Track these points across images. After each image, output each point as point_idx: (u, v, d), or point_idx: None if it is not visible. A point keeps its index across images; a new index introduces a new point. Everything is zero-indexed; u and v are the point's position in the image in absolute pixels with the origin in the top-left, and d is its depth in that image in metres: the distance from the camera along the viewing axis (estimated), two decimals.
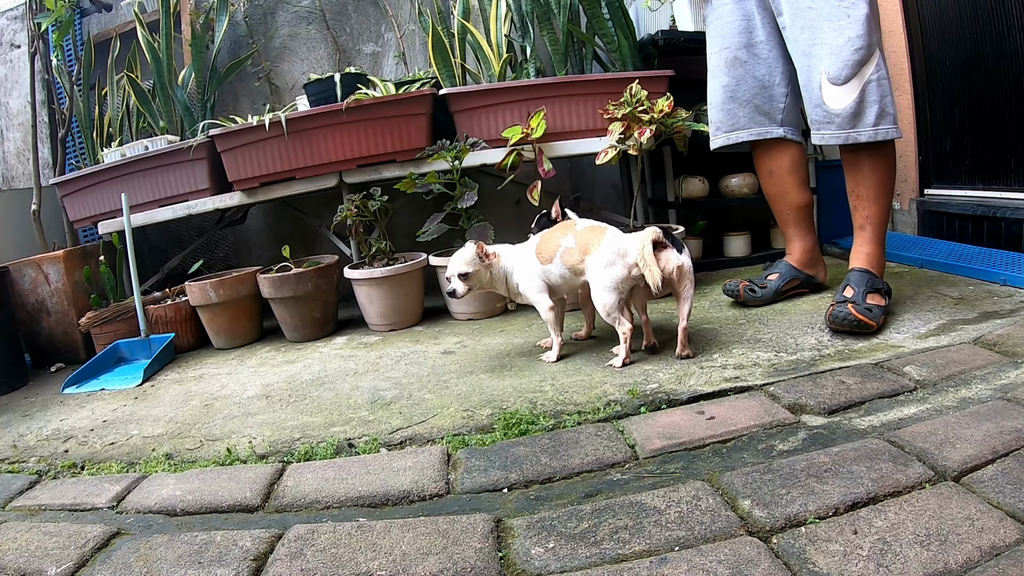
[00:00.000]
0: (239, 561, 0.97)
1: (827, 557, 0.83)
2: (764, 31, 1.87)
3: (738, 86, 1.93)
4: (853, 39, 1.64)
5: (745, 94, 1.93)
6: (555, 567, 0.89)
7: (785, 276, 2.04)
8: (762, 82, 1.92)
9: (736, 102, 1.95)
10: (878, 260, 1.81)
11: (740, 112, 1.95)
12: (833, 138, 1.74)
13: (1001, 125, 2.35)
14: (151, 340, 2.33)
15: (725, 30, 1.92)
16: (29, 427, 1.76)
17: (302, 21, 2.95)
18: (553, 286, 1.74)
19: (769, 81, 1.91)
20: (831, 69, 1.68)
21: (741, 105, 1.95)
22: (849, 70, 1.65)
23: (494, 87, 2.40)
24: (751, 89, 1.93)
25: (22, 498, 1.31)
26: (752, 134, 1.96)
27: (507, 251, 1.81)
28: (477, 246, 1.73)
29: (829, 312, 1.68)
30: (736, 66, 1.92)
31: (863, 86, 1.66)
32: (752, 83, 1.92)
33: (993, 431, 1.07)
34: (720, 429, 1.23)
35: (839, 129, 1.72)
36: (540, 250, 1.73)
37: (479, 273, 1.75)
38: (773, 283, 2.03)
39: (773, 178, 2.05)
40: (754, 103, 1.93)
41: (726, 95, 1.96)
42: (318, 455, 1.34)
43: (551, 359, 1.74)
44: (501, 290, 1.82)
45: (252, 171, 2.41)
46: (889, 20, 2.85)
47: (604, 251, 1.61)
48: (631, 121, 2.14)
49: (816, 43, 1.70)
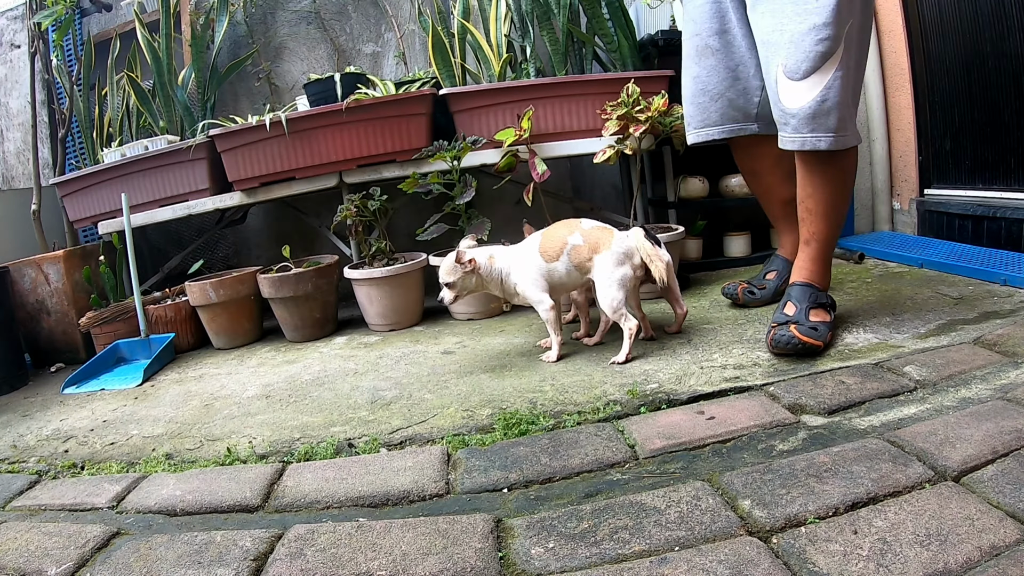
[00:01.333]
0: (239, 561, 0.97)
1: (827, 557, 0.83)
2: (736, 15, 1.67)
3: (709, 77, 1.75)
4: (818, 27, 1.40)
5: (717, 87, 1.75)
6: (555, 567, 0.89)
7: (783, 273, 1.95)
8: (735, 73, 1.72)
9: (707, 95, 1.76)
10: (822, 275, 1.66)
11: (712, 107, 1.77)
12: (789, 142, 1.52)
13: (1001, 125, 2.35)
14: (151, 340, 2.33)
15: (696, 14, 1.73)
16: (29, 427, 1.76)
17: (302, 21, 2.95)
18: (555, 285, 1.74)
19: (743, 72, 1.72)
20: (789, 61, 1.46)
21: (713, 99, 1.76)
22: (810, 63, 1.43)
23: (494, 87, 2.40)
24: (724, 81, 1.74)
25: (22, 498, 1.31)
26: (725, 131, 1.79)
27: (502, 252, 1.79)
28: (457, 254, 1.71)
29: (771, 336, 1.52)
30: (707, 55, 1.73)
31: (826, 83, 1.43)
32: (724, 74, 1.73)
33: (993, 431, 1.07)
34: (720, 429, 1.23)
35: (795, 132, 1.50)
36: (544, 248, 1.72)
37: (463, 280, 1.73)
38: (772, 282, 1.98)
39: (756, 178, 1.95)
40: (727, 96, 1.75)
41: (697, 87, 1.78)
42: (318, 455, 1.34)
43: (551, 359, 1.74)
44: (495, 292, 1.80)
45: (252, 171, 2.41)
46: (889, 20, 2.85)
47: (615, 250, 1.67)
48: (628, 121, 2.14)
49: (776, 29, 1.48)
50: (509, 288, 1.77)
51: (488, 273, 1.75)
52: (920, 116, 2.81)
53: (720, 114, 1.77)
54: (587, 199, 3.01)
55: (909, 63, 2.78)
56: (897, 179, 3.01)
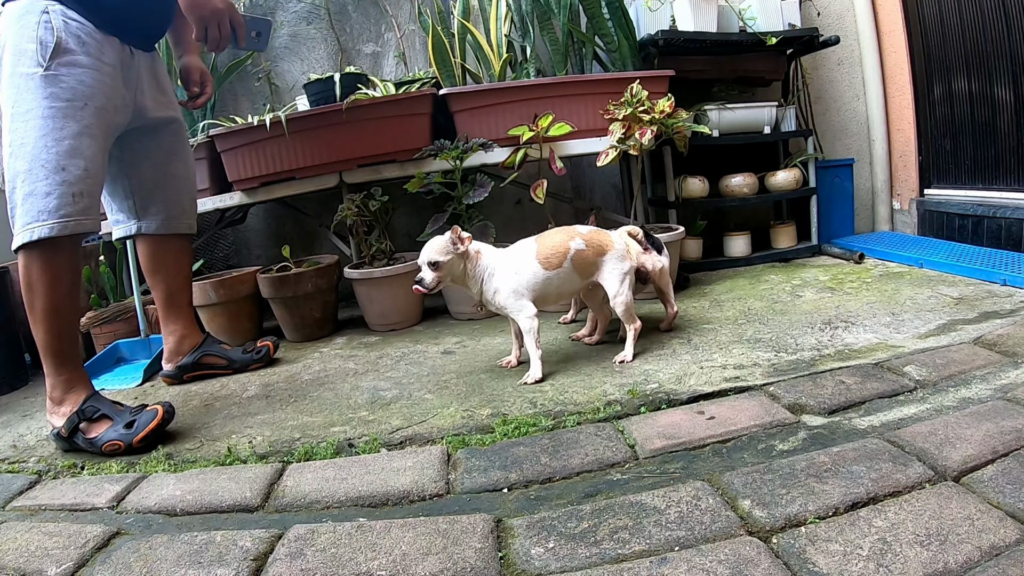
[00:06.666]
0: (239, 561, 0.97)
1: (827, 557, 0.83)
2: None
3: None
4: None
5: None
6: (555, 567, 0.89)
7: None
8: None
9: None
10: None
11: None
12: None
13: (1001, 125, 2.35)
14: (151, 340, 2.33)
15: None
16: (29, 427, 1.76)
17: (302, 21, 2.95)
18: (549, 293, 1.67)
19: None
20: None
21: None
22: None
23: (494, 87, 2.40)
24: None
25: (22, 498, 1.31)
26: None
27: (490, 251, 1.68)
28: (453, 230, 1.59)
29: None
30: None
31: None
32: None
33: (993, 431, 1.07)
34: (720, 429, 1.23)
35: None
36: (545, 256, 1.64)
37: (452, 263, 1.61)
38: None
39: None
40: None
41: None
42: (318, 455, 1.34)
43: (535, 378, 1.58)
44: (473, 290, 1.67)
45: (252, 171, 2.41)
46: (889, 20, 2.86)
47: (618, 251, 1.69)
48: (632, 121, 2.14)
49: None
50: (488, 291, 1.65)
51: (473, 267, 1.64)
52: (920, 116, 2.82)
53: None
54: (587, 199, 3.01)
55: (909, 63, 2.79)
56: (897, 179, 3.01)
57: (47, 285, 1.48)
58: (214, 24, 1.61)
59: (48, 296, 1.48)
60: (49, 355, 1.53)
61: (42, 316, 1.49)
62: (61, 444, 1.52)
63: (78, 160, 1.46)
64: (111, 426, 1.48)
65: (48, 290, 1.48)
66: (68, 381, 1.55)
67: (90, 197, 1.49)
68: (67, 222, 1.44)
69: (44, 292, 1.48)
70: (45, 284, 1.48)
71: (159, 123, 1.79)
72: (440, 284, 1.63)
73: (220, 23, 1.62)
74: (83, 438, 1.47)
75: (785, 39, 2.64)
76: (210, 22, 1.61)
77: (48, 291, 1.48)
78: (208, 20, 1.60)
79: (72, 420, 1.48)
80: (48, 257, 1.47)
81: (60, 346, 1.53)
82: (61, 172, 1.44)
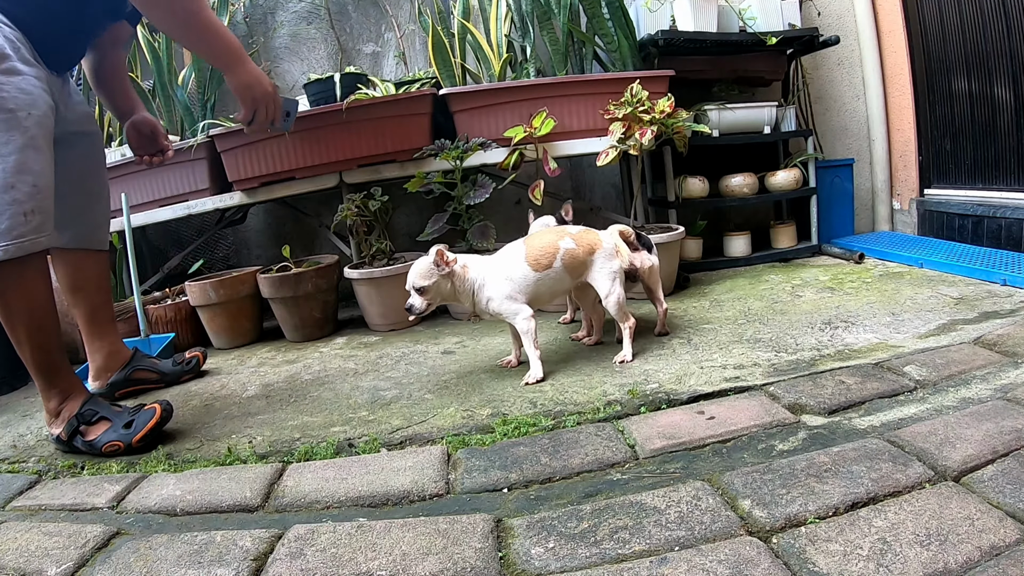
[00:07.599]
0: (239, 561, 0.97)
1: (827, 557, 0.83)
2: None
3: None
4: None
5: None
6: (555, 567, 0.89)
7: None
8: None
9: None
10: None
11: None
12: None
13: (1001, 125, 2.35)
14: (151, 340, 2.32)
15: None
16: (29, 427, 1.76)
17: (302, 21, 2.95)
18: (540, 295, 1.65)
19: None
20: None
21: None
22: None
23: (494, 87, 2.40)
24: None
25: (22, 498, 1.31)
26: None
27: (476, 262, 1.64)
28: (436, 253, 1.57)
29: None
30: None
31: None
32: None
33: (993, 431, 1.07)
34: (720, 429, 1.23)
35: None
36: (533, 257, 1.62)
37: (438, 285, 1.59)
38: None
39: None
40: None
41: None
42: (318, 455, 1.34)
43: (536, 378, 1.58)
44: (467, 303, 1.65)
45: (252, 171, 2.41)
46: (889, 20, 2.86)
47: (607, 249, 1.67)
48: (632, 121, 2.14)
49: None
50: (480, 302, 1.63)
51: (462, 282, 1.61)
52: (920, 116, 2.82)
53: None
54: (587, 199, 3.01)
55: (909, 63, 2.79)
56: (897, 179, 3.01)
57: (24, 302, 1.43)
58: (263, 107, 1.61)
59: (29, 314, 1.44)
60: (40, 372, 1.50)
61: (26, 336, 1.45)
62: (61, 447, 1.52)
63: (26, 176, 1.38)
64: (110, 427, 1.48)
65: (26, 307, 1.44)
66: (62, 392, 1.53)
67: (43, 213, 1.42)
68: (22, 242, 1.38)
69: (23, 310, 1.44)
70: (22, 302, 1.43)
71: (76, 136, 1.70)
72: (430, 307, 1.61)
73: (268, 106, 1.62)
74: (82, 441, 1.47)
75: (785, 39, 2.64)
76: (260, 104, 1.60)
77: (27, 309, 1.44)
78: (259, 102, 1.60)
79: (71, 424, 1.48)
80: (18, 274, 1.41)
81: (49, 360, 1.50)
82: (10, 191, 1.36)
